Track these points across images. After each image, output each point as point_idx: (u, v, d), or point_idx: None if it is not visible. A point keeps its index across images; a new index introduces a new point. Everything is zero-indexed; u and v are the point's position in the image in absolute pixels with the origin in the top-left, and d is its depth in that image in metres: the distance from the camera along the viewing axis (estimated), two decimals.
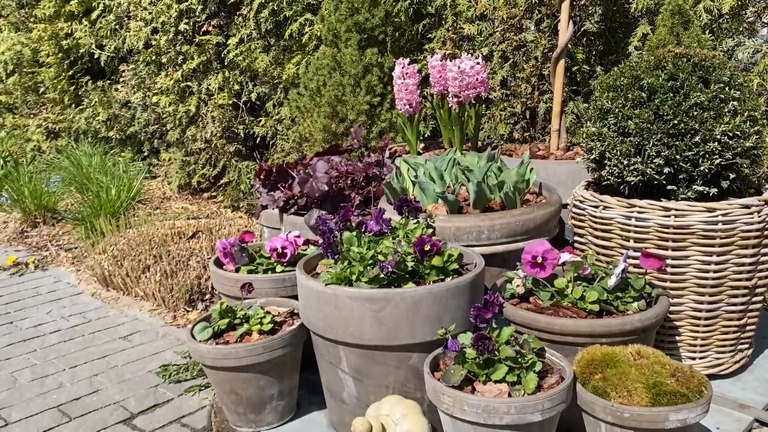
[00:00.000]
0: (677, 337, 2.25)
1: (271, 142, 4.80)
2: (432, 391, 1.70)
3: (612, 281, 1.98)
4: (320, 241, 1.95)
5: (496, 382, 1.68)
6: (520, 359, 1.69)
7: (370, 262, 1.91)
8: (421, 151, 3.20)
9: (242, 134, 4.95)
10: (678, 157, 2.10)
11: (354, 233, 2.02)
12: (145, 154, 6.10)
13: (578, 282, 2.05)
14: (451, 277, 1.97)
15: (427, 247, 1.94)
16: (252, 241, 2.43)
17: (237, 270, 2.37)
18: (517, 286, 2.07)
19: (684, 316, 2.21)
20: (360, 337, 1.86)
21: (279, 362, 2.02)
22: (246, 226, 4.32)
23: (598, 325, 1.86)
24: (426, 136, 3.80)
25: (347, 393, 1.99)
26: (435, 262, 1.94)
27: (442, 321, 1.86)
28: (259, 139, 4.89)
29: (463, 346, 1.74)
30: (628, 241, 2.19)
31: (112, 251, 3.80)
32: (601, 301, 1.97)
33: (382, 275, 1.87)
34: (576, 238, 2.40)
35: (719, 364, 2.26)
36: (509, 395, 1.64)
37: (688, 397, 1.61)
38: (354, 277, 1.89)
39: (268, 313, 2.12)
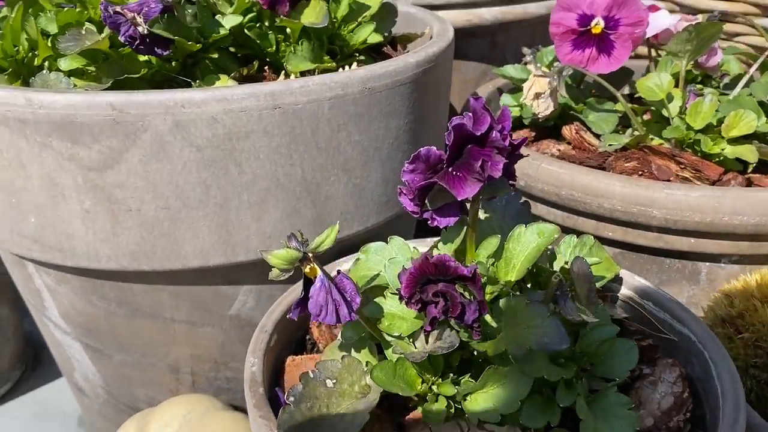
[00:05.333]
0: None
1: None
2: None
3: None
4: None
5: None
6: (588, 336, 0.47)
7: None
8: None
9: None
10: None
11: None
12: None
13: (694, 87, 0.80)
14: (356, 64, 0.69)
15: None
16: None
17: None
18: (536, 95, 0.80)
19: None
20: (62, 242, 0.59)
21: None
22: None
23: None
24: None
25: (81, 374, 0.76)
26: (308, 16, 0.64)
27: (326, 196, 0.61)
28: None
29: (381, 290, 0.50)
30: None
31: None
32: None
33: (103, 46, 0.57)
34: None
35: None
36: None
37: None
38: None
39: None
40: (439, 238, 0.63)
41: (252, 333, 0.68)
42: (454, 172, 0.45)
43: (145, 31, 0.55)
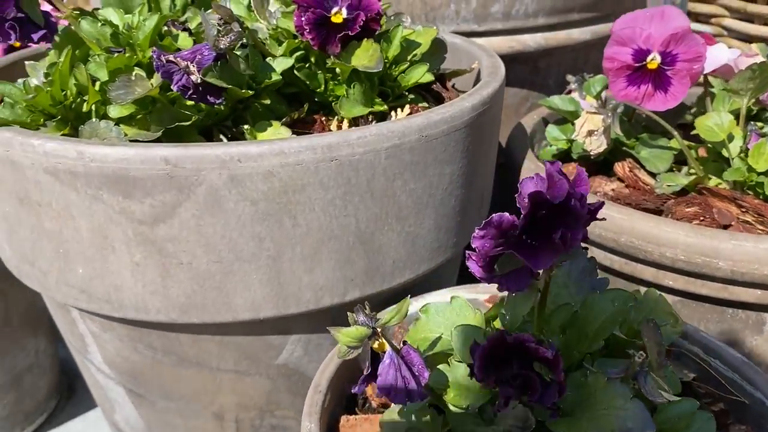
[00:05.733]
0: None
1: None
2: None
3: None
4: None
5: None
6: None
7: (135, 56, 0.58)
8: None
9: None
10: None
11: None
12: None
13: (755, 126, 0.77)
14: (409, 109, 0.67)
15: (339, 16, 0.61)
16: None
17: None
18: (589, 132, 0.78)
19: None
20: (110, 294, 0.58)
21: None
22: None
23: None
24: None
25: (122, 417, 0.75)
26: (361, 59, 0.62)
27: (379, 245, 0.59)
28: None
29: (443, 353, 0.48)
30: None
31: None
32: None
33: (161, 108, 0.56)
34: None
35: None
36: None
37: None
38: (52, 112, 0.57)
39: None
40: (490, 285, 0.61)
41: (299, 381, 0.67)
42: (530, 242, 0.43)
43: (199, 80, 0.54)
